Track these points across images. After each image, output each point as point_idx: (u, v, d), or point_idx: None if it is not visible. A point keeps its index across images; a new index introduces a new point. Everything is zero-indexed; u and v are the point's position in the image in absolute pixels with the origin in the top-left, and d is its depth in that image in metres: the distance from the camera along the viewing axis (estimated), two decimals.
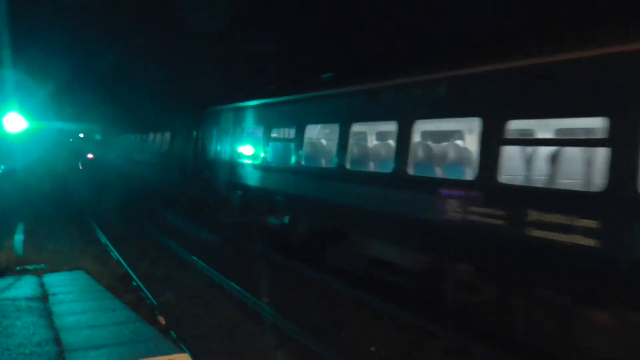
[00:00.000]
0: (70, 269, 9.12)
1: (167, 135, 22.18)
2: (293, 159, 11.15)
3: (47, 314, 6.24)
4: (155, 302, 8.65)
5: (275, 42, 20.06)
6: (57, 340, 5.36)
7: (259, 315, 8.28)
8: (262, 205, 12.53)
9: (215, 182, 15.49)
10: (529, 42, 6.78)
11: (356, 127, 9.90)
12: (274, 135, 12.72)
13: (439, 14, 14.10)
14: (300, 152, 10.91)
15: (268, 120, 12.82)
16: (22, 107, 16.39)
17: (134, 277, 10.15)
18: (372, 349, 7.15)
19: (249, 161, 13.51)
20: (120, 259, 11.64)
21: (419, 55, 9.56)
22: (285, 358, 6.82)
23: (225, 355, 6.89)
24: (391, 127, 9.03)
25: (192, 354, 5.74)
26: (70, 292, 7.46)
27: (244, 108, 14.15)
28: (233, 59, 22.58)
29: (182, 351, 5.42)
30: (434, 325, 7.52)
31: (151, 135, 25.73)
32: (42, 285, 7.72)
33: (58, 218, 17.21)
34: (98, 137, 47.56)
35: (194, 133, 17.67)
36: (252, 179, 13.10)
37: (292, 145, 11.33)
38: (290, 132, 12.07)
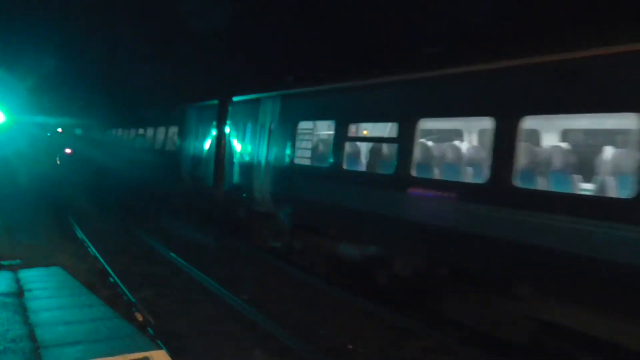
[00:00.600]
0: (47, 265, 9.00)
1: (173, 130, 19.34)
2: (394, 166, 8.33)
3: (22, 310, 6.17)
4: (132, 299, 8.61)
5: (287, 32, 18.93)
6: (31, 337, 5.31)
7: None
8: (329, 227, 9.89)
9: (250, 191, 12.45)
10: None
11: (532, 123, 7.21)
12: (352, 132, 9.81)
13: None
14: (408, 157, 8.03)
15: (342, 112, 9.85)
16: None
17: (111, 273, 10.07)
18: None
19: (307, 167, 10.87)
20: (98, 256, 11.53)
21: None
22: None
23: None
24: (623, 121, 6.25)
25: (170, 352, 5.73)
26: (46, 288, 7.38)
27: (297, 96, 11.38)
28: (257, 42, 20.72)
29: (159, 348, 5.42)
30: None
31: (149, 131, 22.91)
32: (17, 281, 7.61)
33: (35, 213, 16.93)
34: (79, 131, 46.66)
35: (215, 130, 14.70)
36: (312, 190, 10.18)
37: (393, 148, 8.66)
38: (386, 129, 9.72)
